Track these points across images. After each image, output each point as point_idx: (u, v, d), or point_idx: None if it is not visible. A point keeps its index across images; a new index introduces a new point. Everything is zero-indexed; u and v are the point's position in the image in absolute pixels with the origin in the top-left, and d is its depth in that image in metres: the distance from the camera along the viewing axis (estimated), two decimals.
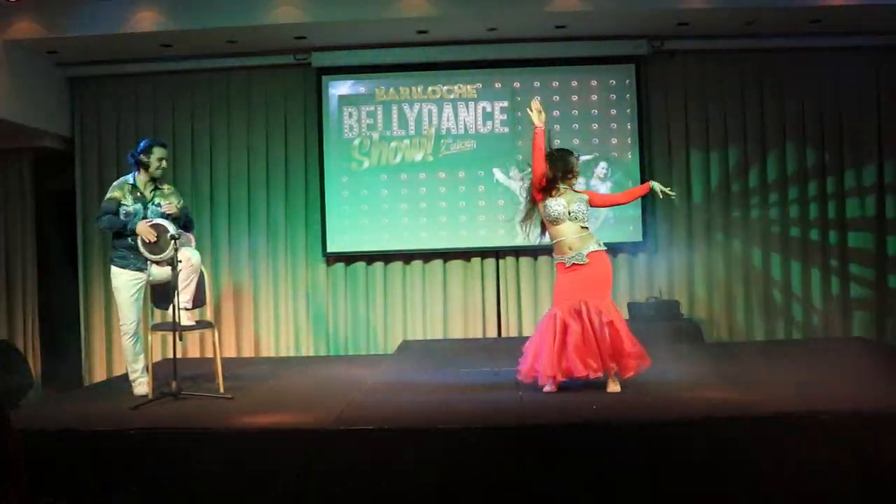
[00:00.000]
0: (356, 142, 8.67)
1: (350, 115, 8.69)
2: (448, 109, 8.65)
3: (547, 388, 5.62)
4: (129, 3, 7.59)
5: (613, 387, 5.59)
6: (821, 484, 4.33)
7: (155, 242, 5.73)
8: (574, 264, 5.65)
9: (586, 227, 5.71)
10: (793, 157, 8.60)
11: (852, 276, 8.56)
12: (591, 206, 5.78)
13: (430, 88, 8.66)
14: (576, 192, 5.76)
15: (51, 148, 8.66)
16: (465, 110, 8.65)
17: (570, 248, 5.65)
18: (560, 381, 5.58)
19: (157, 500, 4.51)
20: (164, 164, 5.97)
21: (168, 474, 4.54)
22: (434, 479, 4.45)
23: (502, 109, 8.63)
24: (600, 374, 5.56)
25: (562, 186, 5.69)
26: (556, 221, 5.67)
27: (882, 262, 8.55)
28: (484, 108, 8.64)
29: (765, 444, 4.46)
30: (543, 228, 5.86)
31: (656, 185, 5.84)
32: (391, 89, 8.68)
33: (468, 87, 8.64)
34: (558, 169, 5.68)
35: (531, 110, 5.74)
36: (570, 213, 5.64)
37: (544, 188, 5.69)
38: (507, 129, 8.62)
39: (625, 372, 5.58)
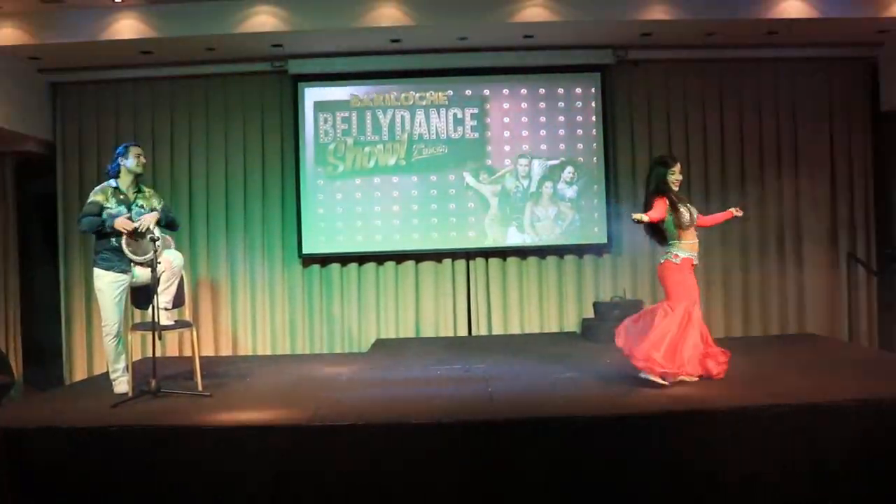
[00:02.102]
0: (331, 146, 8.81)
1: (325, 120, 8.83)
2: (420, 115, 8.82)
3: (666, 381, 5.71)
4: (110, 11, 7.64)
5: None
6: (776, 473, 4.56)
7: (137, 244, 5.81)
8: (694, 265, 5.95)
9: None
10: (751, 161, 8.87)
11: (807, 275, 8.84)
12: None
13: (402, 95, 8.83)
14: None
15: (33, 152, 8.73)
16: (436, 116, 8.82)
17: (696, 250, 5.97)
18: (679, 377, 5.70)
19: (137, 495, 4.62)
20: (143, 159, 6.06)
21: (148, 470, 4.65)
22: (407, 472, 4.59)
23: (472, 115, 8.82)
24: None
25: (675, 195, 5.94)
26: (685, 227, 5.91)
27: (834, 263, 8.86)
28: (455, 115, 8.82)
29: (723, 435, 4.68)
30: (661, 236, 6.00)
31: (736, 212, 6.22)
32: (365, 96, 8.84)
33: (439, 94, 8.82)
34: (655, 186, 5.94)
35: None
36: (692, 220, 5.96)
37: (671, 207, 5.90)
38: (476, 135, 8.81)
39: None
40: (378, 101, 8.83)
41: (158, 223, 5.96)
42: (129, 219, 5.88)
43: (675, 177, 5.93)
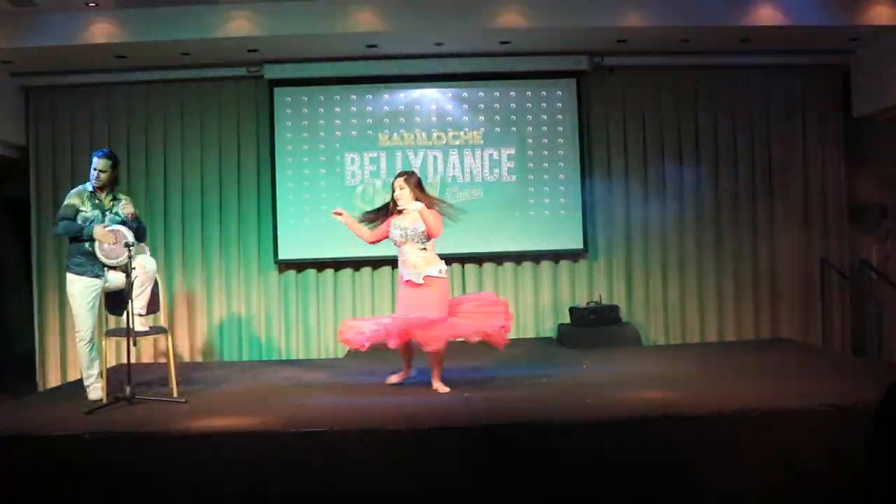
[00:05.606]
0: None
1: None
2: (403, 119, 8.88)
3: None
4: (84, 14, 7.58)
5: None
6: (751, 477, 4.56)
7: (111, 248, 5.76)
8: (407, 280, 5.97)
9: (425, 249, 6.00)
10: (725, 166, 8.95)
11: (781, 280, 8.93)
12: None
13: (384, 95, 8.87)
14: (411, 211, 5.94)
15: (5, 156, 8.65)
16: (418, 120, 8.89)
17: (407, 266, 5.98)
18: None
19: (111, 503, 4.57)
20: (102, 175, 5.91)
21: (122, 478, 4.59)
22: (382, 478, 4.57)
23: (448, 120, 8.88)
24: None
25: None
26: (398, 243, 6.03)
27: (808, 268, 8.94)
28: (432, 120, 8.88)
29: (699, 440, 4.69)
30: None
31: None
32: (342, 100, 8.84)
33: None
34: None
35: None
36: (406, 234, 5.96)
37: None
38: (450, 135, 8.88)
39: None
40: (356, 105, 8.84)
41: (132, 229, 5.93)
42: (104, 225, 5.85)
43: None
